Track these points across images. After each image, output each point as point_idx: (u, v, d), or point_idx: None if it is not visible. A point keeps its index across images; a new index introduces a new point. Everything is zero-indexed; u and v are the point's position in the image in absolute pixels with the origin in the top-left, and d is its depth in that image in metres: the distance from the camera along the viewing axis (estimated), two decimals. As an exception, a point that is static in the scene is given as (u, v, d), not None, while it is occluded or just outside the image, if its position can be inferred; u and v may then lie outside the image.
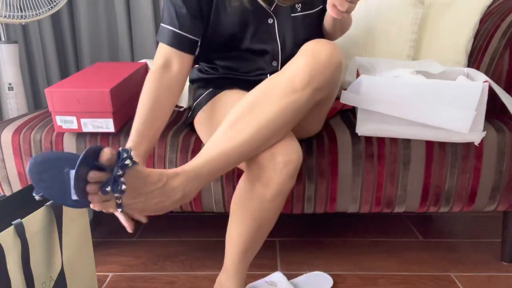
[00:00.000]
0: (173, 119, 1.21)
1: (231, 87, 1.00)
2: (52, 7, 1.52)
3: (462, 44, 1.28)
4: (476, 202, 1.06)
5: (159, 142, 1.03)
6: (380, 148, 1.01)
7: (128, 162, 0.60)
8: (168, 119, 0.94)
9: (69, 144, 1.05)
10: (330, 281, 1.08)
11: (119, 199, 0.62)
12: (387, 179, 1.03)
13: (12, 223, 0.71)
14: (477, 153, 1.01)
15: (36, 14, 1.49)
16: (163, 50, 0.95)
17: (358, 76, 0.98)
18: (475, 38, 1.29)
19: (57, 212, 0.81)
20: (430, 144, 1.01)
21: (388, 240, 1.30)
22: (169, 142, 1.04)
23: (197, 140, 1.05)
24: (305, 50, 0.77)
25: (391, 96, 0.94)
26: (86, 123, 1.02)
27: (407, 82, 0.94)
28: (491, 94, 0.99)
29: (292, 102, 0.76)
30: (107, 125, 1.02)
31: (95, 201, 0.60)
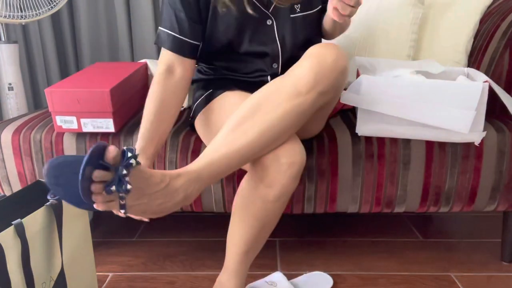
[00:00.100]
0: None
1: (231, 88, 0.99)
2: (52, 7, 1.53)
3: (462, 44, 1.28)
4: (476, 202, 1.06)
5: (159, 142, 1.03)
6: (380, 148, 1.01)
7: (133, 162, 0.60)
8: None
9: (69, 144, 1.05)
10: (330, 281, 1.08)
11: (123, 200, 0.62)
12: (387, 179, 1.03)
13: (12, 223, 0.71)
14: (477, 153, 1.01)
15: (36, 14, 1.49)
16: (165, 56, 0.95)
17: (358, 76, 0.98)
18: (475, 38, 1.29)
19: (57, 212, 0.81)
20: (430, 144, 1.01)
21: (388, 240, 1.30)
22: (169, 142, 1.04)
23: (197, 140, 1.04)
24: (310, 54, 0.76)
25: (391, 96, 0.94)
26: (86, 123, 1.02)
27: (407, 82, 0.94)
28: (491, 94, 0.99)
29: (296, 106, 0.75)
30: (107, 125, 1.02)
31: (99, 201, 0.60)
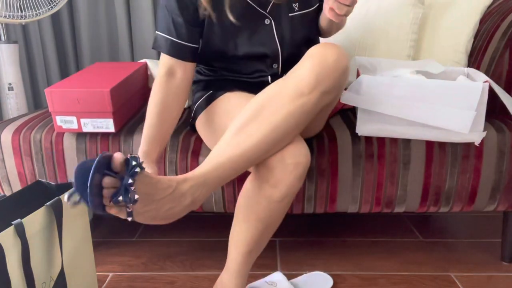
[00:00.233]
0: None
1: (232, 89, 0.99)
2: (52, 7, 1.53)
3: (462, 44, 1.28)
4: (476, 202, 1.06)
5: (159, 142, 1.03)
6: (380, 148, 1.01)
7: (138, 170, 0.60)
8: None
9: (69, 144, 1.05)
10: (330, 281, 1.08)
11: (129, 208, 0.62)
12: (387, 179, 1.03)
13: (12, 223, 0.71)
14: (477, 153, 1.01)
15: (36, 14, 1.49)
16: (165, 60, 0.94)
17: (358, 76, 0.98)
18: (475, 38, 1.29)
19: (57, 212, 0.81)
20: (430, 144, 1.01)
21: (388, 240, 1.30)
22: (169, 142, 1.04)
23: (197, 140, 1.04)
24: (311, 54, 0.76)
25: (391, 96, 0.94)
26: (86, 123, 1.02)
27: (407, 82, 0.93)
28: (491, 94, 0.99)
29: (300, 106, 0.75)
30: (107, 125, 1.02)
31: (109, 209, 0.61)
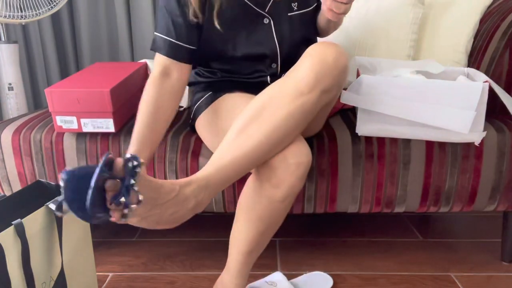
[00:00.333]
0: (173, 119, 1.20)
1: (232, 90, 0.99)
2: (52, 7, 1.52)
3: (462, 44, 1.28)
4: (476, 202, 1.06)
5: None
6: (380, 148, 1.01)
7: (139, 170, 0.58)
8: (169, 125, 0.93)
9: (69, 144, 1.05)
10: (330, 281, 1.08)
11: (131, 209, 0.60)
12: (387, 179, 1.03)
13: (12, 223, 0.71)
14: (477, 153, 1.01)
15: (36, 14, 1.49)
16: (160, 60, 0.93)
17: (358, 76, 0.98)
18: (475, 38, 1.29)
19: (57, 212, 0.81)
20: (430, 144, 1.01)
21: (388, 240, 1.30)
22: (169, 142, 1.04)
23: (197, 140, 1.04)
24: (310, 53, 0.76)
25: (391, 96, 0.94)
26: (86, 123, 1.02)
27: (407, 82, 0.93)
28: (491, 94, 0.99)
29: (300, 106, 0.75)
30: (107, 125, 1.02)
31: (113, 212, 0.59)
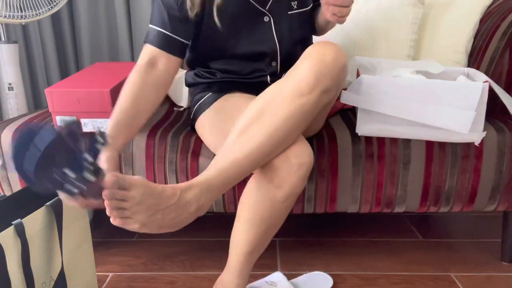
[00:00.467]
0: (173, 119, 1.20)
1: (232, 91, 0.99)
2: (52, 7, 1.52)
3: (462, 44, 1.28)
4: (476, 202, 1.06)
5: (159, 142, 1.03)
6: (380, 148, 1.01)
7: (100, 147, 0.57)
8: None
9: (69, 144, 1.05)
10: (330, 281, 1.08)
11: (74, 188, 0.57)
12: (387, 179, 1.02)
13: (12, 223, 0.71)
14: (477, 153, 1.01)
15: (36, 14, 1.49)
16: (148, 50, 0.91)
17: (358, 76, 0.98)
18: (475, 38, 1.29)
19: (57, 212, 0.81)
20: (430, 144, 1.01)
21: (388, 240, 1.30)
22: (169, 142, 1.04)
23: (197, 140, 1.04)
24: (309, 53, 0.76)
25: (391, 96, 0.94)
26: (86, 123, 1.02)
27: (407, 82, 0.93)
28: (491, 94, 0.99)
29: (300, 106, 0.75)
30: (107, 125, 1.02)
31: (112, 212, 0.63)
